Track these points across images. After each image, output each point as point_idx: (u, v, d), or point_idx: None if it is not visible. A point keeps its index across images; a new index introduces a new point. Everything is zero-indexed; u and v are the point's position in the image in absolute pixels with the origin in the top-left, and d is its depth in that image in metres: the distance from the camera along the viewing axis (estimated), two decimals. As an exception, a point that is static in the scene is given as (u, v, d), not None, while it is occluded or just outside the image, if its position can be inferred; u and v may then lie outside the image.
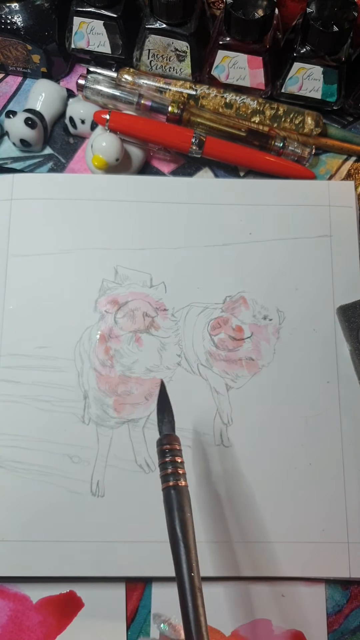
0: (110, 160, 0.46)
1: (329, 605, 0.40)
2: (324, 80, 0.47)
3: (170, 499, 0.30)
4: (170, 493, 0.30)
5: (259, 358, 0.44)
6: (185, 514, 0.30)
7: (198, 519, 0.40)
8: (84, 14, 0.47)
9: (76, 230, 0.46)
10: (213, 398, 0.43)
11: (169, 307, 0.44)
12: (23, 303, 0.44)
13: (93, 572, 0.39)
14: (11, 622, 0.40)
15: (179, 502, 0.30)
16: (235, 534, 0.40)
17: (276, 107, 0.49)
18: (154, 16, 0.46)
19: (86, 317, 0.44)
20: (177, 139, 0.47)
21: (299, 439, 0.42)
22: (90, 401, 0.42)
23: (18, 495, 0.40)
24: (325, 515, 0.40)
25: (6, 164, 0.50)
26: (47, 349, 0.43)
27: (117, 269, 0.45)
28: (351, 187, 0.48)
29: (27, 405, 0.42)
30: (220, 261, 0.45)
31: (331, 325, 0.44)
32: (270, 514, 0.40)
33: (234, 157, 0.49)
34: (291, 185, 0.48)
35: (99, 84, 0.48)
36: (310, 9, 0.43)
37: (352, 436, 0.42)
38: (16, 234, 0.45)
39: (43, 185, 0.47)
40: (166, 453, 0.32)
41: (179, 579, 0.29)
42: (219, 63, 0.48)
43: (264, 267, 0.45)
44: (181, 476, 0.31)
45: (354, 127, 0.52)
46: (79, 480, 0.41)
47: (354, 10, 0.43)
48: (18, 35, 0.48)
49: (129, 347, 0.43)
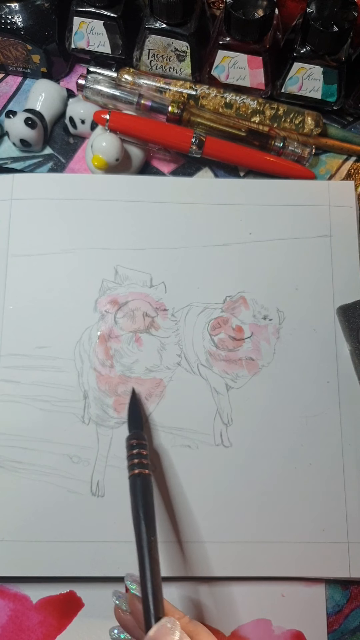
0: (110, 160, 0.46)
1: (329, 605, 0.40)
2: (324, 80, 0.47)
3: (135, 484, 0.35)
4: (137, 479, 0.35)
5: (259, 358, 0.44)
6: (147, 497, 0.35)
7: (198, 519, 0.40)
8: (84, 14, 0.47)
9: (76, 230, 0.46)
10: (213, 398, 0.43)
11: (169, 307, 0.44)
12: (23, 303, 0.44)
13: (93, 572, 0.39)
14: (11, 622, 0.40)
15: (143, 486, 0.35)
16: (236, 534, 0.40)
17: (276, 107, 0.49)
18: (154, 16, 0.46)
19: (86, 317, 0.44)
20: (177, 139, 0.47)
21: (299, 439, 0.42)
22: (91, 401, 0.42)
23: (18, 495, 0.40)
24: (325, 515, 0.40)
25: (6, 164, 0.50)
26: (47, 349, 0.43)
27: (117, 269, 0.45)
28: (351, 187, 0.48)
29: (27, 405, 0.42)
30: (220, 261, 0.45)
31: (331, 325, 0.44)
32: (270, 513, 0.40)
33: (234, 157, 0.49)
34: (291, 185, 0.48)
35: (99, 84, 0.48)
36: (310, 9, 0.43)
37: (352, 436, 0.42)
38: (16, 234, 0.45)
39: (43, 185, 0.47)
40: (134, 447, 0.37)
41: (139, 542, 0.33)
42: (219, 63, 0.48)
43: (264, 267, 0.45)
44: (146, 466, 0.36)
45: (354, 127, 0.52)
46: (79, 480, 0.41)
47: (354, 10, 0.43)
48: (18, 35, 0.48)
49: (129, 347, 0.43)
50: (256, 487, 0.41)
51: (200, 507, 0.40)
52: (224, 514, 0.40)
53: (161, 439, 0.41)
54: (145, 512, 0.34)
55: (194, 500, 0.40)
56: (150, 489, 0.35)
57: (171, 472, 0.41)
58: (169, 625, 0.29)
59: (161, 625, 0.29)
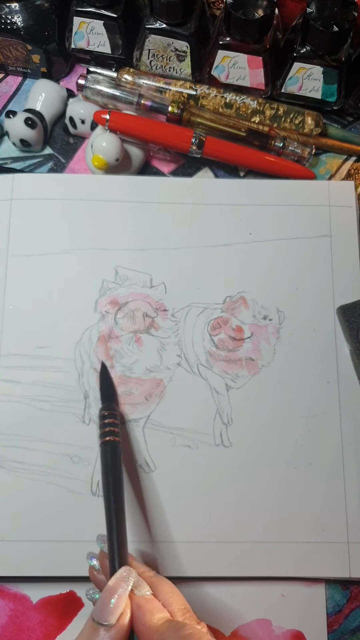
0: (110, 160, 0.46)
1: (329, 605, 0.40)
2: (324, 80, 0.47)
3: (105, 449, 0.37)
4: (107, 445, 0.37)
5: (259, 358, 0.44)
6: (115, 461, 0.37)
7: (198, 519, 0.40)
8: (84, 14, 0.47)
9: (76, 230, 0.46)
10: (213, 398, 0.43)
11: (169, 308, 0.44)
12: (23, 303, 0.44)
13: (93, 572, 0.39)
14: (11, 622, 0.40)
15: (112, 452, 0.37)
16: (236, 534, 0.40)
17: (276, 107, 0.49)
18: (154, 16, 0.46)
19: (86, 318, 0.44)
20: (177, 139, 0.47)
21: (299, 439, 0.42)
22: (91, 401, 0.42)
23: (18, 495, 0.40)
24: (325, 515, 0.40)
25: (6, 164, 0.50)
26: (47, 349, 0.43)
27: (117, 270, 0.45)
28: (351, 187, 0.48)
29: (27, 405, 0.42)
30: (220, 261, 0.45)
31: (331, 325, 0.44)
32: (270, 513, 0.40)
33: (234, 157, 0.49)
34: (291, 185, 0.48)
35: (99, 84, 0.48)
36: (310, 9, 0.43)
37: (352, 436, 0.42)
38: (16, 234, 0.45)
39: (43, 185, 0.47)
40: (105, 417, 0.39)
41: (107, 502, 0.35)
42: (219, 63, 0.48)
43: (264, 267, 0.45)
44: (115, 434, 0.38)
45: (354, 127, 0.52)
46: (79, 480, 0.41)
47: (354, 10, 0.43)
48: (18, 35, 0.48)
49: (129, 348, 0.43)
50: (256, 487, 0.41)
51: (200, 507, 0.40)
52: (224, 514, 0.40)
53: (161, 439, 0.41)
54: (113, 474, 0.36)
55: (193, 500, 0.40)
56: (119, 455, 0.37)
57: (171, 472, 0.41)
58: (125, 573, 0.31)
59: (118, 574, 0.31)
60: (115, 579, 0.31)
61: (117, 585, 0.30)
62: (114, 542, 0.33)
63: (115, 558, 0.32)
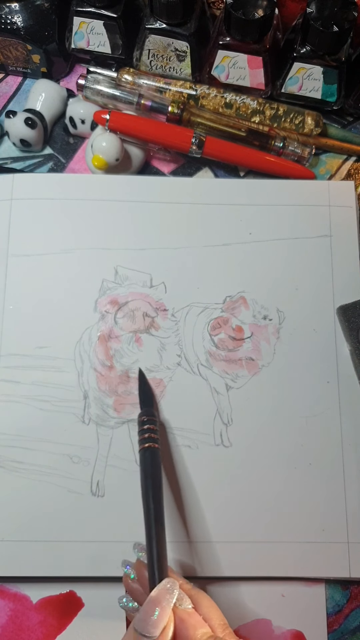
0: (110, 160, 0.46)
1: (329, 605, 0.40)
2: (324, 80, 0.47)
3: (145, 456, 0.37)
4: (146, 452, 0.37)
5: (259, 358, 0.44)
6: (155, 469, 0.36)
7: (198, 519, 0.40)
8: (84, 14, 0.47)
9: (76, 230, 0.46)
10: (213, 398, 0.43)
11: (169, 307, 0.44)
12: (23, 303, 0.44)
13: (93, 572, 0.39)
14: (11, 622, 0.40)
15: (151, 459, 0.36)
16: (236, 534, 0.40)
17: (276, 107, 0.49)
18: (154, 16, 0.46)
19: (86, 317, 0.44)
20: (177, 139, 0.47)
21: (299, 439, 0.42)
22: (91, 401, 0.42)
23: (18, 495, 0.40)
24: (325, 515, 0.40)
25: (6, 164, 0.50)
26: (47, 349, 0.43)
27: (117, 269, 0.45)
28: (351, 187, 0.48)
29: (27, 405, 0.42)
30: (220, 261, 0.45)
31: (331, 325, 0.44)
32: (270, 513, 0.40)
33: (234, 157, 0.49)
34: (291, 185, 0.48)
35: (99, 84, 0.48)
36: (310, 9, 0.43)
37: (352, 436, 0.42)
38: (16, 234, 0.45)
39: (43, 185, 0.47)
40: (144, 422, 0.38)
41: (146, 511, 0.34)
42: (219, 63, 0.48)
43: (264, 267, 0.45)
44: (155, 440, 0.37)
45: (354, 127, 0.52)
46: (79, 480, 0.41)
47: (354, 10, 0.43)
48: (18, 35, 0.48)
49: (129, 347, 0.43)
50: (256, 487, 0.41)
51: (200, 507, 0.40)
52: (224, 514, 0.40)
53: (161, 438, 0.41)
54: (153, 482, 0.35)
55: (193, 500, 0.40)
56: (159, 462, 0.36)
57: (171, 472, 0.41)
58: (169, 585, 0.30)
59: (162, 586, 0.30)
60: (158, 590, 0.30)
61: (161, 596, 0.30)
62: (153, 552, 0.32)
63: (155, 569, 0.32)
